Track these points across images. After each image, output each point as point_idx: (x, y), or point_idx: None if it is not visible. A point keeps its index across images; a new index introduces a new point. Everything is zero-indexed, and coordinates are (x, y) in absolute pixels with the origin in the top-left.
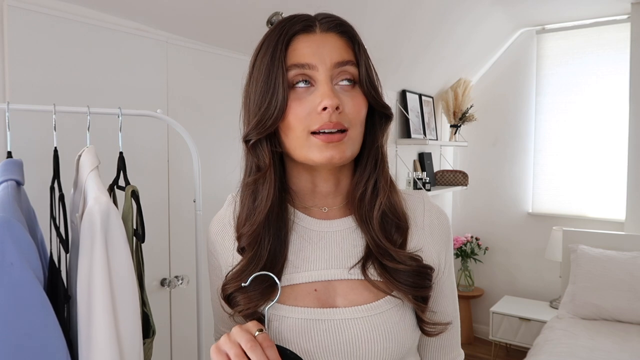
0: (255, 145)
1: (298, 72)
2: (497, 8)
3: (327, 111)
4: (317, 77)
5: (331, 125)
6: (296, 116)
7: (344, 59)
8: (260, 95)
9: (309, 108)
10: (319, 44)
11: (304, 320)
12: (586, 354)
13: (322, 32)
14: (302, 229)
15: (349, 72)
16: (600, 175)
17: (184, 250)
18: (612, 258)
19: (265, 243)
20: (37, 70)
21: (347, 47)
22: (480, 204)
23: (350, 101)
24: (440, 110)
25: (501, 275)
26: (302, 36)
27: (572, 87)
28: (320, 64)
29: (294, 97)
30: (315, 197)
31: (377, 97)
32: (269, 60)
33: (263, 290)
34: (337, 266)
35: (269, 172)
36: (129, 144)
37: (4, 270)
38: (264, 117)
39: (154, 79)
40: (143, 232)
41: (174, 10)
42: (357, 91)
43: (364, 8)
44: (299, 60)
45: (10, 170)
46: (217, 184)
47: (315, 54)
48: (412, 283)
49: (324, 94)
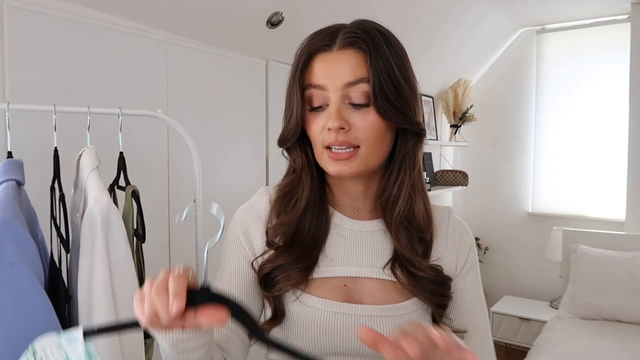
0: (290, 150)
1: (312, 92)
2: (497, 8)
3: (331, 132)
4: (329, 97)
5: (337, 144)
6: (313, 132)
7: (356, 77)
8: (286, 109)
9: (322, 125)
10: (332, 64)
11: (331, 313)
12: (586, 354)
13: (338, 50)
14: (336, 226)
15: (361, 91)
16: (600, 175)
17: (184, 250)
18: (612, 258)
19: (301, 237)
20: (37, 70)
21: (361, 64)
22: (480, 204)
23: (360, 120)
24: (440, 110)
25: (501, 275)
26: (320, 55)
27: (572, 87)
28: (330, 85)
29: (311, 115)
30: (346, 198)
31: (393, 114)
32: (291, 77)
33: (302, 269)
34: (367, 264)
35: (303, 173)
36: (129, 144)
37: (5, 270)
38: (287, 129)
39: (154, 79)
40: (143, 232)
41: (174, 10)
42: (371, 110)
43: (364, 8)
44: (313, 81)
45: (10, 170)
46: (217, 184)
47: (327, 75)
48: (433, 290)
49: (329, 116)
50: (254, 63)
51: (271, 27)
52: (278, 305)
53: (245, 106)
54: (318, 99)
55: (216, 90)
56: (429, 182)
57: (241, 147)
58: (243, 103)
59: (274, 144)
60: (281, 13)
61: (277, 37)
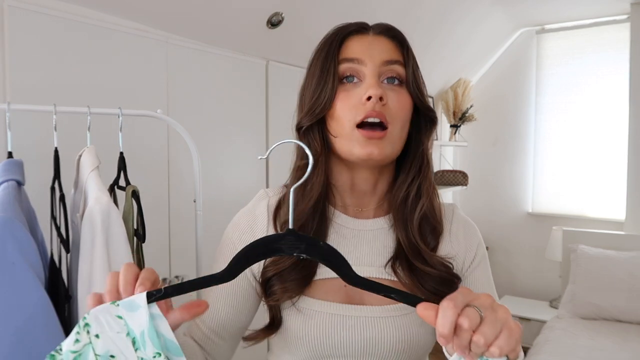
0: (307, 132)
1: (348, 66)
2: (497, 8)
3: (371, 101)
4: (365, 72)
5: (374, 114)
6: (343, 107)
7: (393, 58)
8: (314, 86)
9: (356, 100)
10: (370, 43)
11: (331, 315)
12: (586, 354)
13: (374, 35)
14: (338, 226)
15: (396, 71)
16: (600, 175)
17: (184, 250)
18: (612, 258)
19: (306, 232)
20: (37, 70)
21: (396, 49)
22: (480, 204)
23: (395, 97)
24: (440, 110)
25: (501, 275)
26: (355, 36)
27: (572, 87)
28: (369, 60)
29: (342, 89)
30: (352, 195)
31: (422, 98)
32: (324, 56)
33: (299, 280)
34: (367, 264)
35: (321, 158)
36: (129, 144)
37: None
38: (315, 105)
39: (154, 79)
40: (144, 232)
41: (174, 10)
42: (403, 90)
43: (364, 8)
44: (350, 55)
45: (10, 170)
46: (217, 184)
47: (365, 51)
48: (436, 290)
49: (369, 85)
50: (254, 63)
51: (271, 27)
52: (276, 310)
53: (245, 106)
54: (353, 72)
55: (216, 90)
56: None
57: (241, 147)
58: (243, 103)
59: (274, 144)
60: (281, 13)
61: (277, 37)
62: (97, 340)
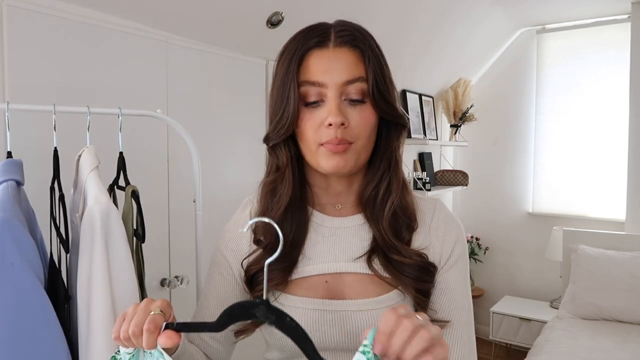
0: (275, 147)
1: (309, 89)
2: (497, 8)
3: (332, 127)
4: (327, 94)
5: (336, 141)
6: (307, 129)
7: (354, 76)
8: (276, 105)
9: (318, 122)
10: (331, 60)
11: (312, 310)
12: (586, 354)
13: (334, 47)
14: (316, 225)
15: (358, 89)
16: (601, 175)
17: (184, 250)
18: (612, 258)
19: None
20: (37, 70)
21: (358, 62)
22: (480, 204)
23: (357, 116)
24: (440, 110)
25: (501, 275)
26: (315, 51)
27: (572, 87)
28: (330, 81)
29: (306, 112)
30: (329, 195)
31: (387, 109)
32: (283, 73)
33: (283, 270)
34: (345, 259)
35: (287, 171)
36: (129, 144)
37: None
38: (278, 126)
39: (154, 79)
40: (143, 232)
41: (174, 10)
42: (367, 106)
43: (364, 8)
44: (310, 78)
45: (10, 170)
46: (217, 184)
47: (326, 72)
48: (415, 276)
49: (330, 111)
50: (254, 63)
51: (271, 27)
52: None
53: (245, 106)
54: (314, 95)
55: (216, 90)
56: (429, 182)
57: (241, 147)
58: (243, 103)
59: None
60: (281, 13)
61: (277, 37)
62: None
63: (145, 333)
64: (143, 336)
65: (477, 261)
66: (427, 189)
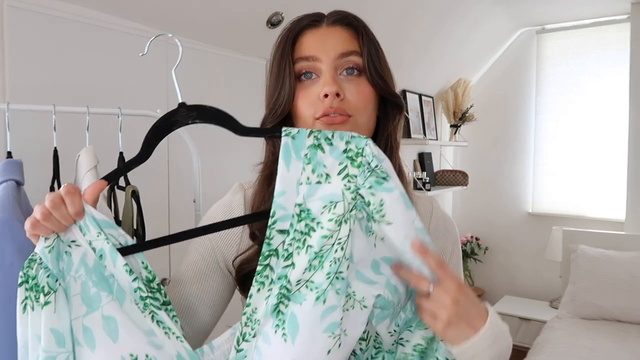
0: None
1: (304, 65)
2: (497, 8)
3: (328, 98)
4: (321, 68)
5: (332, 111)
6: (303, 105)
7: (348, 49)
8: (273, 87)
9: (314, 97)
10: (324, 36)
11: None
12: (586, 354)
13: (327, 26)
14: None
15: (352, 62)
16: (600, 175)
17: (184, 250)
18: (612, 258)
19: None
20: (36, 70)
21: (352, 38)
22: (480, 204)
23: (354, 89)
24: (440, 110)
25: (501, 275)
26: (308, 31)
27: (572, 87)
28: (324, 56)
29: (301, 88)
30: None
31: (383, 85)
32: (279, 55)
33: None
34: None
35: None
36: (129, 144)
37: (4, 270)
38: (275, 106)
39: (154, 79)
40: (143, 232)
41: (174, 10)
42: (363, 80)
43: (364, 8)
44: (304, 53)
45: (10, 170)
46: (217, 184)
47: (319, 47)
48: None
49: (324, 82)
50: (254, 63)
51: (271, 27)
52: None
53: (245, 106)
54: (308, 70)
55: (216, 90)
56: (429, 182)
57: (241, 147)
58: (243, 103)
59: None
60: (281, 13)
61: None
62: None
63: (66, 197)
64: (65, 201)
65: (476, 261)
66: (427, 189)
